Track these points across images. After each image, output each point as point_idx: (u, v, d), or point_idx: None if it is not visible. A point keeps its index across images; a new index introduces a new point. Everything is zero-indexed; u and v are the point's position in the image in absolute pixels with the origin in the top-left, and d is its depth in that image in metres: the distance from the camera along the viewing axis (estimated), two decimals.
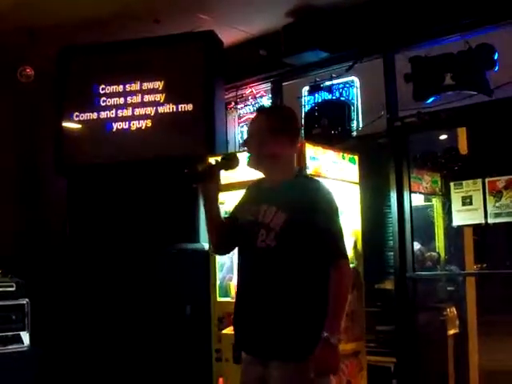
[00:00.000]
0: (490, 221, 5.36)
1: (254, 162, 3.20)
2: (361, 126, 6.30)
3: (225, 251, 3.53)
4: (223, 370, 5.04)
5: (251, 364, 3.08)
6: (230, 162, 3.21)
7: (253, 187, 3.33)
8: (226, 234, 3.25)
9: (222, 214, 3.34)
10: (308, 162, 4.71)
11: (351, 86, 6.38)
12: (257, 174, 3.30)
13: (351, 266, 4.90)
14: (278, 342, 2.95)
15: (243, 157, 3.26)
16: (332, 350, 2.84)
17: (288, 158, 3.20)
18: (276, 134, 3.12)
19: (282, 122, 3.18)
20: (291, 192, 3.07)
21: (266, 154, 3.14)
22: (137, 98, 6.62)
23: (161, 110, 6.52)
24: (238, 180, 4.23)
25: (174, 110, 6.48)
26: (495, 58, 5.34)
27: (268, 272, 3.01)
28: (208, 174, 3.14)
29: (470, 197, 5.47)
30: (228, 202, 4.31)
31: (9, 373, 5.61)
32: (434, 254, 6.28)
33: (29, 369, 5.74)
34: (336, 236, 3.01)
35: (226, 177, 3.67)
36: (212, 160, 3.25)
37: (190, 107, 6.43)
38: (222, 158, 3.21)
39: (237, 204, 3.36)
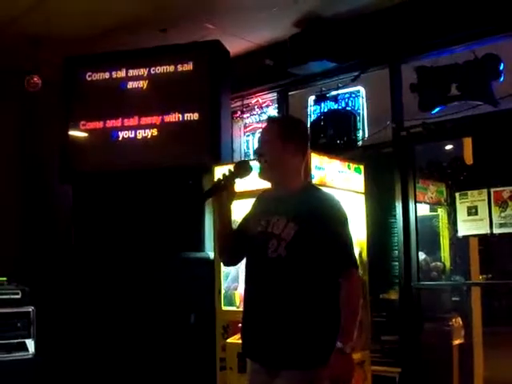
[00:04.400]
0: (496, 231, 5.36)
1: (265, 172, 3.21)
2: (366, 135, 6.32)
3: (234, 262, 3.52)
4: (227, 378, 5.04)
5: (258, 373, 3.10)
6: (243, 169, 3.23)
7: (261, 198, 3.34)
8: (236, 245, 3.27)
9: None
10: (313, 171, 4.72)
11: (357, 96, 6.40)
12: (266, 184, 3.31)
13: None
14: (287, 351, 2.96)
15: (255, 164, 3.28)
16: (346, 359, 2.87)
17: (297, 168, 3.22)
18: (287, 143, 3.15)
19: (292, 131, 3.21)
20: (301, 202, 3.08)
21: (277, 162, 3.16)
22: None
23: (167, 118, 6.54)
24: (247, 189, 4.19)
25: (180, 119, 6.48)
26: (501, 68, 5.35)
27: (279, 282, 3.02)
28: (223, 184, 3.18)
29: (476, 207, 5.47)
30: (237, 210, 4.31)
31: (13, 380, 5.61)
32: (439, 264, 6.27)
33: (33, 376, 5.73)
34: (347, 245, 3.04)
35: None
36: (225, 169, 3.25)
37: (195, 116, 6.44)
38: (235, 166, 3.24)
39: (246, 215, 3.37)
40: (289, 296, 2.98)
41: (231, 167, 3.25)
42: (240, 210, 3.58)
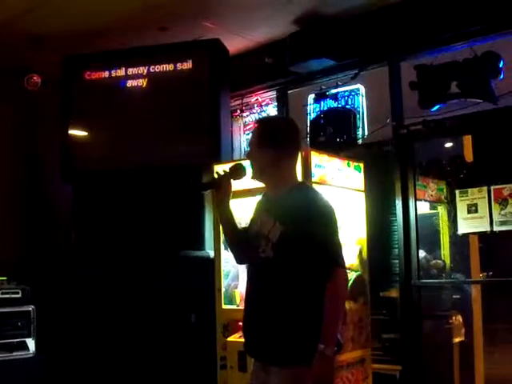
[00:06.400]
0: (496, 229, 5.35)
1: (254, 174, 3.27)
2: (366, 133, 6.31)
3: (244, 261, 3.49)
4: (228, 377, 5.04)
5: (257, 368, 3.16)
6: (237, 172, 3.31)
7: (263, 197, 3.37)
8: (244, 244, 3.31)
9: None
10: (313, 169, 4.71)
11: (357, 94, 6.39)
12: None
13: (356, 273, 4.96)
14: (274, 348, 3.02)
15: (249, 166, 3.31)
16: (328, 361, 2.87)
17: (284, 169, 3.21)
18: (266, 147, 3.16)
19: (267, 135, 3.20)
20: (287, 203, 3.10)
21: (261, 165, 3.20)
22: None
23: (166, 117, 6.54)
24: (244, 188, 4.17)
25: (180, 117, 6.49)
26: (501, 66, 5.34)
27: (266, 281, 3.08)
28: (215, 183, 3.30)
29: (476, 205, 5.46)
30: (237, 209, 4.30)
31: (14, 379, 5.62)
32: (439, 261, 6.27)
33: (34, 376, 5.74)
34: (331, 246, 3.01)
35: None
36: (220, 170, 3.31)
37: (195, 115, 6.44)
38: (230, 168, 3.31)
39: (252, 214, 3.40)
40: (274, 295, 3.03)
41: (226, 168, 3.32)
42: (240, 209, 3.59)
